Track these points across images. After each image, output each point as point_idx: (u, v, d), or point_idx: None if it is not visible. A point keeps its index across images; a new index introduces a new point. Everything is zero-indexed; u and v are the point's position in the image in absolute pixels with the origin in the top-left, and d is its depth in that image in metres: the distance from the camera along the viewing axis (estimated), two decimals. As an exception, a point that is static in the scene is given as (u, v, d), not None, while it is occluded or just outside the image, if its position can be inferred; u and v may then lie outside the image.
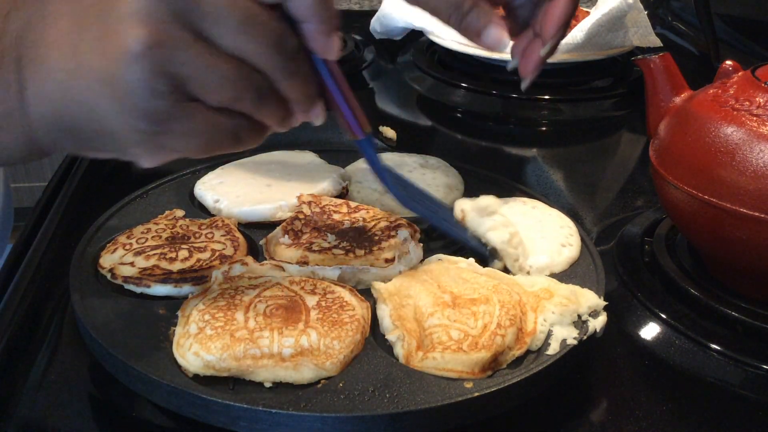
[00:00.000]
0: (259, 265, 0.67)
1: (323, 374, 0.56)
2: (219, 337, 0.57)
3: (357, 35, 1.46)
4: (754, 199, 0.65)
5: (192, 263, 0.67)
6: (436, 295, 0.63)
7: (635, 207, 0.93)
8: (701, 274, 0.76)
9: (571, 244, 0.73)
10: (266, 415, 0.52)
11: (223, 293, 0.62)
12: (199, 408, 0.54)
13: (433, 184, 0.83)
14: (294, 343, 0.57)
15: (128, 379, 0.57)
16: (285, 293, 0.63)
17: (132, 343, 0.58)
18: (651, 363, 0.67)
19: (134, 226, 0.73)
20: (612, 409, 0.62)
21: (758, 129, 0.66)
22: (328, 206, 0.76)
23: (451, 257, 0.70)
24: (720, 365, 0.66)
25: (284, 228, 0.73)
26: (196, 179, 0.83)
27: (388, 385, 0.55)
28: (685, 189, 0.69)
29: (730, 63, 0.76)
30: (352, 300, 0.63)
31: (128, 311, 0.62)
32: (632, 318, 0.72)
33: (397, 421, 0.53)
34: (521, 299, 0.63)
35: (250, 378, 0.56)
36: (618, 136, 1.22)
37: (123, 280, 0.65)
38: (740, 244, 0.67)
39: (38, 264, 0.75)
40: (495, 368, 0.58)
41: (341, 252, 0.69)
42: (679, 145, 0.72)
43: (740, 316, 0.69)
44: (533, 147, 1.14)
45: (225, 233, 0.72)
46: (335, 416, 0.53)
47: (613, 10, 1.19)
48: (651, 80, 0.79)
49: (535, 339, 0.61)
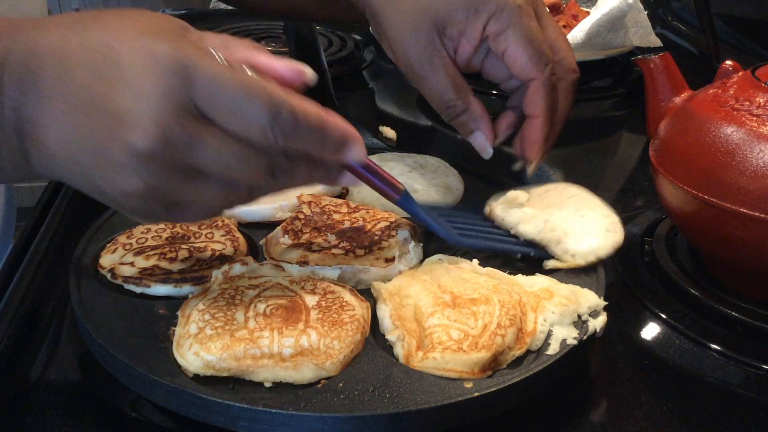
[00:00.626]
0: (259, 265, 0.67)
1: (323, 374, 0.56)
2: (219, 337, 0.57)
3: (357, 35, 1.46)
4: (754, 199, 0.65)
5: (192, 263, 0.67)
6: (436, 295, 0.63)
7: (635, 207, 0.92)
8: (701, 274, 0.76)
9: (616, 230, 0.72)
10: (266, 415, 0.52)
11: (223, 293, 0.62)
12: (199, 408, 0.54)
13: (433, 184, 0.83)
14: (294, 343, 0.57)
15: (128, 379, 0.57)
16: (285, 293, 0.63)
17: (132, 343, 0.58)
18: (651, 363, 0.67)
19: (134, 226, 0.73)
20: (612, 409, 0.62)
21: (758, 129, 0.66)
22: (328, 206, 0.76)
23: (451, 257, 0.70)
24: (720, 365, 0.66)
25: (284, 228, 0.73)
26: (196, 179, 0.83)
27: (388, 385, 0.55)
28: (685, 189, 0.69)
29: (730, 63, 0.76)
30: (352, 300, 0.63)
31: (128, 311, 0.62)
32: (632, 318, 0.72)
33: (397, 421, 0.53)
34: (521, 299, 0.63)
35: (250, 378, 0.56)
36: (618, 136, 1.21)
37: (123, 280, 0.65)
38: (740, 244, 0.67)
39: (38, 264, 0.75)
40: (495, 368, 0.58)
41: (341, 252, 0.69)
42: (679, 145, 0.72)
43: (740, 316, 0.69)
44: (533, 147, 1.14)
45: (225, 233, 0.72)
46: (335, 416, 0.53)
47: (613, 10, 1.19)
48: (651, 80, 0.79)
49: (535, 339, 0.61)
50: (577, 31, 1.20)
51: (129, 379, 0.56)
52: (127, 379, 0.57)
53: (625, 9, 1.19)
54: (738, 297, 0.72)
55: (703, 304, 0.71)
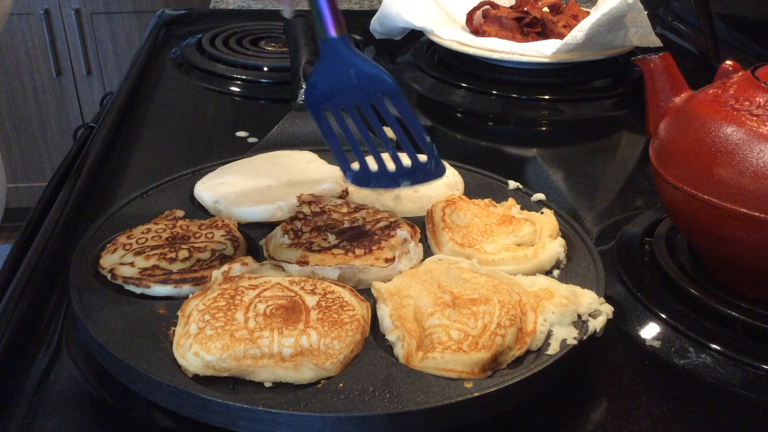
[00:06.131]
0: (259, 265, 0.67)
1: (323, 374, 0.56)
2: (219, 337, 0.57)
3: (357, 35, 1.46)
4: (754, 199, 0.65)
5: (192, 263, 0.67)
6: (436, 295, 0.63)
7: (635, 207, 0.93)
8: (701, 274, 0.76)
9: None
10: (266, 415, 0.52)
11: (223, 293, 0.62)
12: (199, 408, 0.54)
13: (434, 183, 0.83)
14: (294, 343, 0.57)
15: (128, 379, 0.57)
16: (285, 293, 0.63)
17: (132, 343, 0.58)
18: (651, 363, 0.67)
19: (134, 226, 0.73)
20: (612, 409, 0.62)
21: (758, 129, 0.66)
22: (328, 206, 0.76)
23: (451, 257, 0.70)
24: (720, 365, 0.66)
25: (284, 228, 0.72)
26: (196, 179, 0.83)
27: (388, 385, 0.55)
28: (685, 189, 0.69)
29: (730, 63, 0.76)
30: (352, 300, 0.63)
31: (128, 311, 0.62)
32: (632, 318, 0.72)
33: (397, 421, 0.53)
34: (521, 299, 0.63)
35: (250, 378, 0.56)
36: (618, 136, 1.21)
37: (123, 281, 0.65)
38: (740, 244, 0.67)
39: (38, 264, 0.75)
40: (495, 368, 0.58)
41: (341, 252, 0.69)
42: (679, 145, 0.72)
43: (740, 316, 0.69)
44: (533, 147, 1.14)
45: (225, 233, 0.72)
46: (335, 416, 0.53)
47: (613, 10, 1.19)
48: (651, 80, 0.79)
49: (535, 339, 0.61)
50: (577, 31, 1.20)
51: (129, 379, 0.56)
52: (127, 379, 0.57)
53: (625, 9, 1.19)
54: (738, 297, 0.72)
55: (703, 304, 0.71)
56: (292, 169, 0.85)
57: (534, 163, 1.08)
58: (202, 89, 1.26)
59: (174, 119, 1.18)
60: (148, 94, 1.24)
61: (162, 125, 1.15)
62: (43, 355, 0.65)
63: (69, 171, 0.95)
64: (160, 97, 1.24)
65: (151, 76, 1.31)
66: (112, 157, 0.98)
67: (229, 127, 1.12)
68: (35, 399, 0.60)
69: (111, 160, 0.97)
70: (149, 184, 0.81)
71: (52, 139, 2.89)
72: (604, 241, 0.84)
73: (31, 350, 0.65)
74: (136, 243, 0.70)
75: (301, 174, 0.84)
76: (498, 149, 1.15)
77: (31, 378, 0.62)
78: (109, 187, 0.92)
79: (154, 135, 1.11)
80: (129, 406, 0.59)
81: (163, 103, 1.22)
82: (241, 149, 0.99)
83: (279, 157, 0.88)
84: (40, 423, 0.58)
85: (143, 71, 1.32)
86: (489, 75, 1.28)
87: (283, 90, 1.19)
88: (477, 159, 0.78)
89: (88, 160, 0.96)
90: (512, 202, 0.78)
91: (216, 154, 1.03)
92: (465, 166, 0.88)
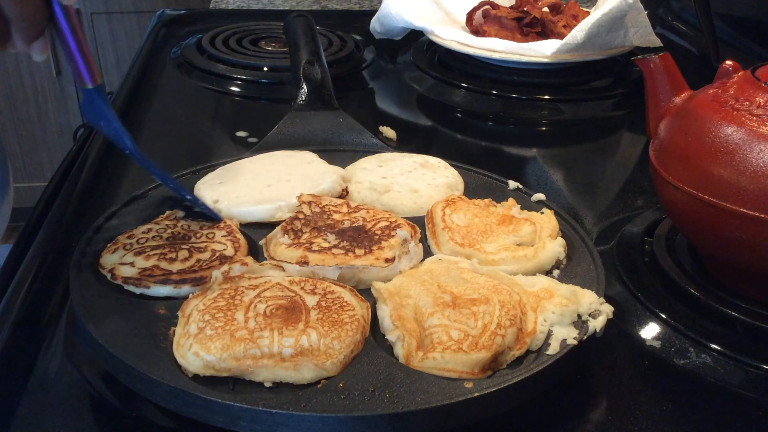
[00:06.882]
0: (259, 265, 0.67)
1: (323, 374, 0.56)
2: (219, 337, 0.57)
3: (357, 35, 1.46)
4: (754, 199, 0.65)
5: (192, 263, 0.67)
6: (436, 295, 0.63)
7: (635, 207, 0.93)
8: (701, 274, 0.76)
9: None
10: (266, 415, 0.52)
11: (223, 293, 0.62)
12: (199, 408, 0.54)
13: (433, 183, 0.83)
14: (294, 343, 0.57)
15: (128, 379, 0.57)
16: (285, 293, 0.63)
17: (132, 343, 0.58)
18: (651, 363, 0.67)
19: (134, 226, 0.73)
20: (612, 409, 0.62)
21: (758, 129, 0.66)
22: (328, 206, 0.76)
23: (451, 257, 0.70)
24: (720, 365, 0.66)
25: (284, 228, 0.72)
26: (196, 179, 0.83)
27: (388, 385, 0.55)
28: (685, 189, 0.69)
29: (730, 63, 0.76)
30: (352, 300, 0.63)
31: (128, 311, 0.62)
32: (632, 318, 0.72)
33: (397, 421, 0.53)
34: (521, 299, 0.63)
35: (250, 378, 0.56)
36: (618, 136, 1.21)
37: (123, 281, 0.65)
38: (740, 244, 0.67)
39: (38, 264, 0.75)
40: (495, 368, 0.58)
41: (341, 252, 0.69)
42: (679, 145, 0.72)
43: (740, 316, 0.69)
44: (533, 147, 1.14)
45: (226, 233, 0.72)
46: (335, 416, 0.53)
47: (613, 10, 1.19)
48: (651, 80, 0.79)
49: (535, 339, 0.61)
50: (577, 31, 1.20)
51: (129, 379, 0.56)
52: (127, 379, 0.57)
53: (625, 9, 1.19)
54: (738, 297, 0.72)
55: (703, 304, 0.71)
56: (292, 169, 0.85)
57: (534, 163, 1.08)
58: (202, 89, 1.26)
59: (174, 119, 1.18)
60: (148, 94, 1.24)
61: (162, 125, 1.15)
62: (43, 355, 0.65)
63: (69, 171, 0.95)
64: (160, 97, 1.24)
65: (151, 76, 1.31)
66: (112, 157, 0.98)
67: (229, 127, 1.12)
68: (35, 399, 0.60)
69: (111, 160, 0.97)
70: (149, 184, 0.81)
71: (52, 139, 2.89)
72: (604, 241, 0.84)
73: (31, 350, 0.65)
74: (137, 243, 0.70)
75: (301, 174, 0.84)
76: (498, 149, 1.15)
77: (31, 378, 0.62)
78: (109, 187, 0.92)
79: (154, 135, 1.11)
80: (129, 407, 0.59)
81: (163, 103, 1.22)
82: (241, 149, 0.99)
83: (279, 157, 0.88)
84: (40, 423, 0.58)
85: (143, 71, 1.32)
86: (489, 75, 1.28)
87: (283, 90, 1.19)
88: (477, 159, 0.78)
89: (88, 160, 0.96)
90: (512, 202, 0.78)
91: (216, 154, 1.03)
92: (465, 166, 0.88)
